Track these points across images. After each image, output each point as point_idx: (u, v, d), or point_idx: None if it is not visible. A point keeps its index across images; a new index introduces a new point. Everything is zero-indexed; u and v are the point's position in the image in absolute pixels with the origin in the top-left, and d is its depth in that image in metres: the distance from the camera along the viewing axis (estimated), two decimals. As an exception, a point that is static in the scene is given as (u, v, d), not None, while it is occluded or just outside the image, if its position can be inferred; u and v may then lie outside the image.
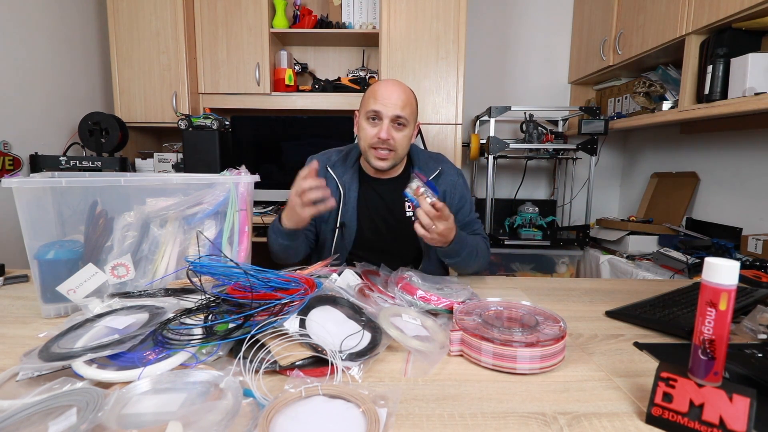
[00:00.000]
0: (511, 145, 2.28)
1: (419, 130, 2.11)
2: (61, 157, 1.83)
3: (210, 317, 0.68)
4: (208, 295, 0.72)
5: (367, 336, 0.70)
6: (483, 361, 0.67)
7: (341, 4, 2.35)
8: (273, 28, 2.25)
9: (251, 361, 0.60)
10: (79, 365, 0.59)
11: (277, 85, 2.32)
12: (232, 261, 0.75)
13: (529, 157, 2.58)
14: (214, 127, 2.01)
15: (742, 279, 1.25)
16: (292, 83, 2.30)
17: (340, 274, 0.88)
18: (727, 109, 1.54)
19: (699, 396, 0.51)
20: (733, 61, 1.52)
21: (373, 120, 1.11)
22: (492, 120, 2.26)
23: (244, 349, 0.63)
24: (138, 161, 2.25)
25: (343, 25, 2.33)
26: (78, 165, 1.85)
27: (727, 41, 1.55)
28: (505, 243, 2.33)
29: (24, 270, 1.15)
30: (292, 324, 0.67)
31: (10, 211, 1.68)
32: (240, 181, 0.98)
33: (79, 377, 0.58)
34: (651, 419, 0.53)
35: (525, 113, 2.37)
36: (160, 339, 0.63)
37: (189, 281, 0.71)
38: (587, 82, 2.64)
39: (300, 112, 2.41)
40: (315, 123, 2.33)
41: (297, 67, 2.46)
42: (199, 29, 2.25)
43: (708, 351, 0.53)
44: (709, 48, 1.63)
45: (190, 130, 2.01)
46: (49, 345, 0.64)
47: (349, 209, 1.19)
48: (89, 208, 0.88)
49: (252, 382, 0.58)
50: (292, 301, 0.70)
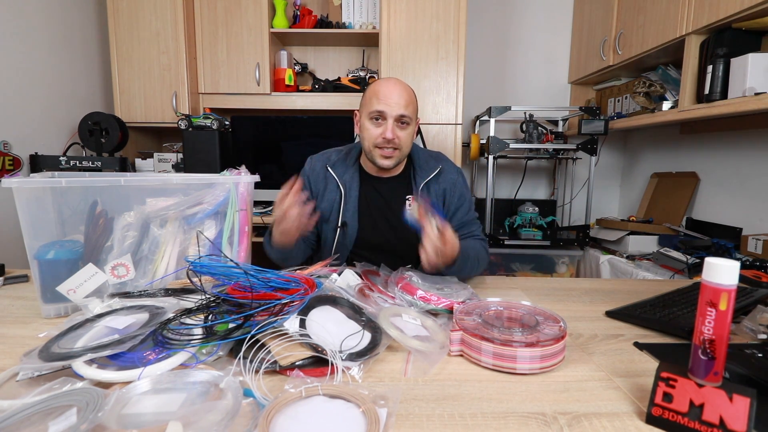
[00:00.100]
0: (511, 145, 2.28)
1: (419, 129, 2.12)
2: (61, 157, 1.83)
3: (210, 317, 0.68)
4: (208, 295, 0.72)
5: (367, 336, 0.70)
6: (483, 361, 0.67)
7: (341, 4, 2.35)
8: (273, 28, 2.25)
9: (251, 361, 0.60)
10: (79, 365, 0.59)
11: (277, 85, 2.32)
12: (232, 261, 0.75)
13: (529, 157, 2.58)
14: (214, 127, 2.01)
15: (742, 279, 1.25)
16: (292, 83, 2.30)
17: (340, 274, 0.88)
18: (727, 109, 1.54)
19: (699, 396, 0.51)
20: (733, 61, 1.52)
21: (377, 120, 1.11)
22: (492, 120, 2.26)
23: (244, 349, 0.63)
24: (138, 161, 2.26)
25: (343, 25, 2.33)
26: (78, 165, 1.85)
27: (727, 41, 1.55)
28: (505, 243, 2.33)
29: (24, 270, 1.15)
30: (292, 324, 0.67)
31: (10, 211, 1.69)
32: (240, 181, 0.98)
33: (79, 377, 0.58)
34: (651, 419, 0.53)
35: (525, 113, 2.37)
36: (160, 339, 0.63)
37: (189, 281, 0.71)
38: (587, 82, 2.64)
39: (300, 112, 2.41)
40: (315, 123, 2.33)
41: (297, 67, 2.46)
42: (199, 29, 2.25)
43: (708, 351, 0.53)
44: (709, 48, 1.63)
45: (190, 130, 2.01)
46: (49, 345, 0.64)
47: (350, 208, 1.19)
48: (89, 208, 0.88)
49: (252, 382, 0.58)
50: (292, 301, 0.70)
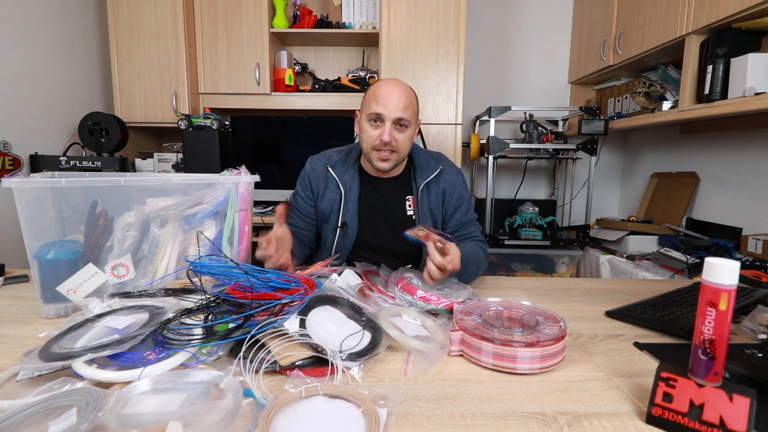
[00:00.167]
0: (511, 145, 2.28)
1: (419, 129, 2.12)
2: (61, 157, 1.83)
3: (210, 317, 0.68)
4: (208, 295, 0.72)
5: (367, 336, 0.70)
6: (483, 361, 0.67)
7: (341, 4, 2.35)
8: (273, 28, 2.25)
9: (251, 361, 0.60)
10: (79, 365, 0.59)
11: (277, 85, 2.32)
12: (232, 261, 0.75)
13: (529, 157, 2.58)
14: (214, 127, 2.01)
15: (742, 279, 1.25)
16: (292, 83, 2.30)
17: (340, 274, 0.89)
18: (727, 109, 1.54)
19: (699, 396, 0.51)
20: (733, 61, 1.52)
21: (375, 122, 1.11)
22: (492, 120, 2.26)
23: (244, 349, 0.63)
24: (138, 161, 2.26)
25: (343, 25, 2.33)
26: (78, 165, 1.85)
27: (727, 41, 1.55)
28: (505, 243, 2.33)
29: (24, 270, 1.15)
30: (292, 324, 0.67)
31: (10, 211, 1.69)
32: (240, 181, 0.98)
33: (79, 377, 0.58)
34: (651, 419, 0.53)
35: (525, 113, 2.37)
36: (160, 339, 0.63)
37: (189, 281, 0.71)
38: (587, 82, 2.64)
39: (300, 112, 2.41)
40: (315, 123, 2.33)
41: (297, 67, 2.46)
42: (199, 29, 2.25)
43: (708, 351, 0.53)
44: (709, 48, 1.63)
45: (190, 130, 2.01)
46: (49, 345, 0.64)
47: (350, 209, 1.19)
48: (89, 208, 0.88)
49: (252, 382, 0.58)
50: (292, 301, 0.70)
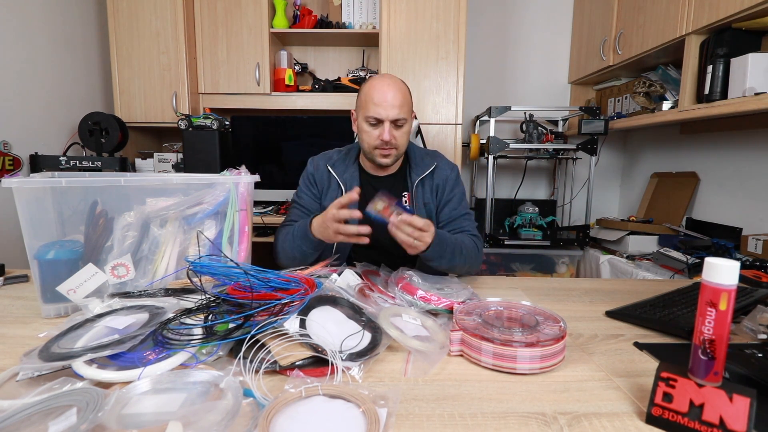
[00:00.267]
0: (511, 145, 2.28)
1: (419, 129, 2.12)
2: (61, 157, 1.83)
3: (210, 317, 0.68)
4: (208, 295, 0.72)
5: (367, 336, 0.70)
6: (483, 361, 0.67)
7: (341, 4, 2.35)
8: (273, 28, 2.25)
9: (251, 361, 0.60)
10: (79, 365, 0.59)
11: (277, 85, 2.32)
12: (232, 261, 0.75)
13: (529, 157, 2.58)
14: (214, 127, 2.01)
15: (742, 279, 1.25)
16: (292, 83, 2.30)
17: (340, 274, 0.89)
18: (727, 109, 1.54)
19: (699, 396, 0.51)
20: (733, 61, 1.52)
21: (373, 124, 1.14)
22: (492, 120, 2.26)
23: (244, 349, 0.63)
24: (138, 161, 2.25)
25: (343, 25, 2.33)
26: (78, 165, 1.85)
27: (727, 41, 1.55)
28: (505, 243, 2.33)
29: (24, 270, 1.15)
30: (292, 324, 0.67)
31: (10, 211, 1.69)
32: (240, 181, 0.98)
33: (79, 377, 0.58)
34: (651, 419, 0.53)
35: (525, 113, 2.37)
36: (160, 339, 0.63)
37: (189, 281, 0.71)
38: (587, 82, 2.64)
39: (300, 112, 2.41)
40: (315, 123, 2.33)
41: (297, 67, 2.46)
42: (199, 29, 2.25)
43: (708, 351, 0.53)
44: (709, 48, 1.63)
45: (190, 130, 2.01)
46: (49, 345, 0.64)
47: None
48: (89, 208, 0.88)
49: (252, 382, 0.58)
50: (292, 301, 0.70)
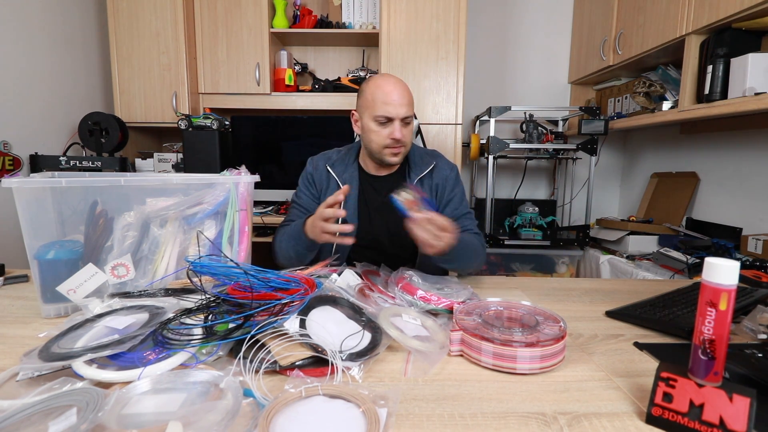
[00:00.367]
0: (511, 145, 2.28)
1: (419, 129, 2.12)
2: (61, 157, 1.83)
3: (210, 317, 0.68)
4: (208, 295, 0.72)
5: (367, 336, 0.70)
6: (483, 361, 0.67)
7: (341, 4, 2.35)
8: (273, 28, 2.25)
9: (251, 361, 0.60)
10: (79, 365, 0.59)
11: (277, 85, 2.32)
12: (232, 261, 0.75)
13: (529, 157, 2.58)
14: (214, 127, 2.01)
15: (742, 279, 1.25)
16: (292, 83, 2.30)
17: (340, 274, 0.89)
18: (727, 109, 1.54)
19: (699, 396, 0.51)
20: (733, 61, 1.52)
21: (383, 123, 1.14)
22: (492, 120, 2.26)
23: (244, 349, 0.63)
24: (138, 161, 2.25)
25: (343, 25, 2.33)
26: (78, 165, 1.85)
27: (727, 41, 1.55)
28: (505, 243, 2.33)
29: (24, 270, 1.15)
30: (292, 324, 0.67)
31: (10, 211, 1.69)
32: (240, 181, 0.98)
33: (79, 377, 0.58)
34: (651, 419, 0.53)
35: (525, 113, 2.37)
36: (160, 339, 0.63)
37: (189, 281, 0.71)
38: (587, 82, 2.64)
39: (300, 112, 2.41)
40: (315, 123, 2.33)
41: (297, 67, 2.46)
42: (199, 29, 2.25)
43: (708, 351, 0.53)
44: (709, 48, 1.63)
45: (190, 130, 2.01)
46: (49, 345, 0.64)
47: (349, 207, 1.21)
48: (89, 208, 0.88)
49: (252, 382, 0.58)
50: (292, 301, 0.70)
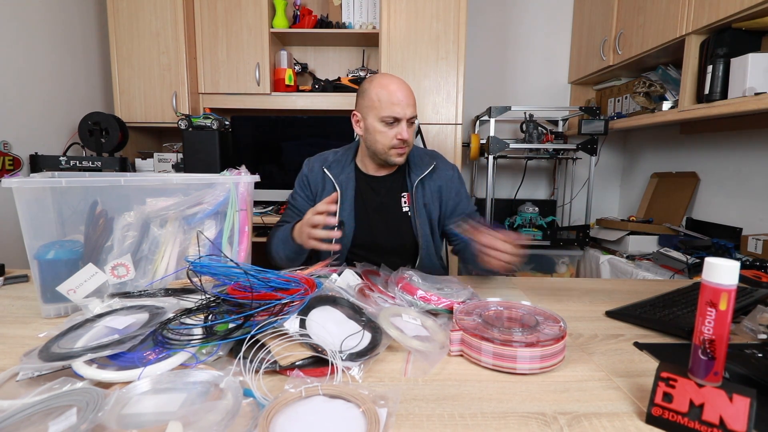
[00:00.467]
0: (511, 145, 2.28)
1: (419, 129, 2.12)
2: (61, 157, 1.83)
3: (210, 317, 0.68)
4: (208, 295, 0.72)
5: (367, 336, 0.70)
6: (483, 361, 0.67)
7: (341, 4, 2.35)
8: (273, 28, 2.25)
9: (251, 361, 0.60)
10: (79, 365, 0.59)
11: (277, 85, 2.32)
12: (232, 261, 0.75)
13: (529, 157, 2.58)
14: (214, 127, 2.01)
15: (742, 279, 1.25)
16: (292, 83, 2.30)
17: (340, 274, 0.89)
18: (727, 109, 1.54)
19: (699, 396, 0.51)
20: (733, 61, 1.52)
21: (390, 123, 1.15)
22: (492, 120, 2.26)
23: (244, 349, 0.63)
24: (138, 161, 2.25)
25: (343, 25, 2.33)
26: (78, 165, 1.85)
27: (727, 41, 1.55)
28: (505, 243, 2.32)
29: (24, 270, 1.15)
30: (292, 324, 0.67)
31: (10, 211, 1.69)
32: (240, 181, 0.98)
33: (79, 377, 0.58)
34: (651, 419, 0.53)
35: (525, 113, 2.37)
36: (160, 339, 0.63)
37: (189, 281, 0.71)
38: (587, 82, 2.64)
39: (300, 112, 2.41)
40: (315, 123, 2.32)
41: (297, 67, 2.46)
42: (199, 29, 2.25)
43: (708, 351, 0.53)
44: (709, 48, 1.63)
45: (190, 130, 2.01)
46: (49, 345, 0.64)
47: (346, 208, 1.21)
48: (89, 208, 0.88)
49: (252, 382, 0.58)
50: (292, 301, 0.70)
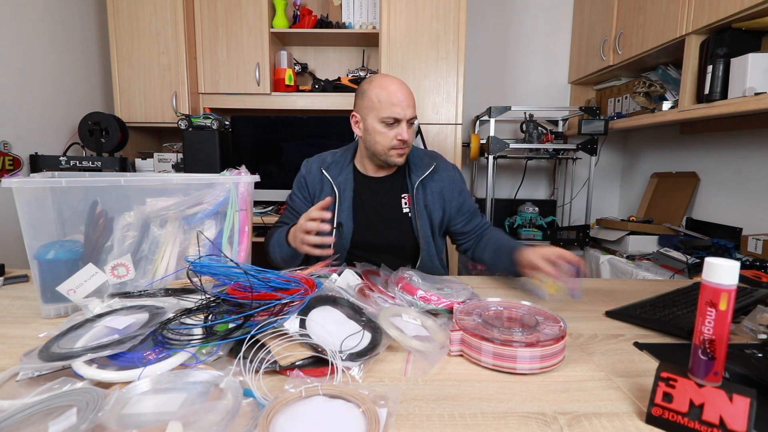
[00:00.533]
0: (511, 145, 2.28)
1: (419, 129, 2.12)
2: (61, 157, 1.83)
3: (210, 317, 0.68)
4: (208, 295, 0.72)
5: (367, 336, 0.70)
6: (483, 361, 0.67)
7: (341, 4, 2.35)
8: (273, 28, 2.25)
9: (251, 361, 0.60)
10: (79, 365, 0.59)
11: (277, 85, 2.32)
12: (232, 261, 0.75)
13: (529, 157, 2.58)
14: (214, 127, 2.01)
15: (742, 279, 1.25)
16: (292, 83, 2.30)
17: (340, 274, 0.88)
18: (727, 109, 1.54)
19: (699, 396, 0.51)
20: (733, 61, 1.52)
21: (390, 124, 1.15)
22: (492, 120, 2.26)
23: (244, 349, 0.63)
24: (138, 161, 2.25)
25: (343, 25, 2.33)
26: (78, 165, 1.85)
27: (727, 41, 1.55)
28: (505, 243, 2.32)
29: (24, 270, 1.15)
30: (292, 324, 0.67)
31: (10, 211, 1.69)
32: (240, 181, 0.98)
33: (79, 377, 0.58)
34: (651, 419, 0.53)
35: (525, 113, 2.37)
36: (160, 339, 0.63)
37: (189, 281, 0.71)
38: (587, 82, 2.64)
39: (300, 112, 2.41)
40: (315, 123, 2.33)
41: (297, 67, 2.46)
42: (199, 29, 2.25)
43: (708, 351, 0.53)
44: (709, 48, 1.63)
45: (190, 130, 2.01)
46: (49, 345, 0.64)
47: (344, 209, 1.21)
48: (89, 208, 0.88)
49: (252, 382, 0.58)
50: (292, 301, 0.70)
